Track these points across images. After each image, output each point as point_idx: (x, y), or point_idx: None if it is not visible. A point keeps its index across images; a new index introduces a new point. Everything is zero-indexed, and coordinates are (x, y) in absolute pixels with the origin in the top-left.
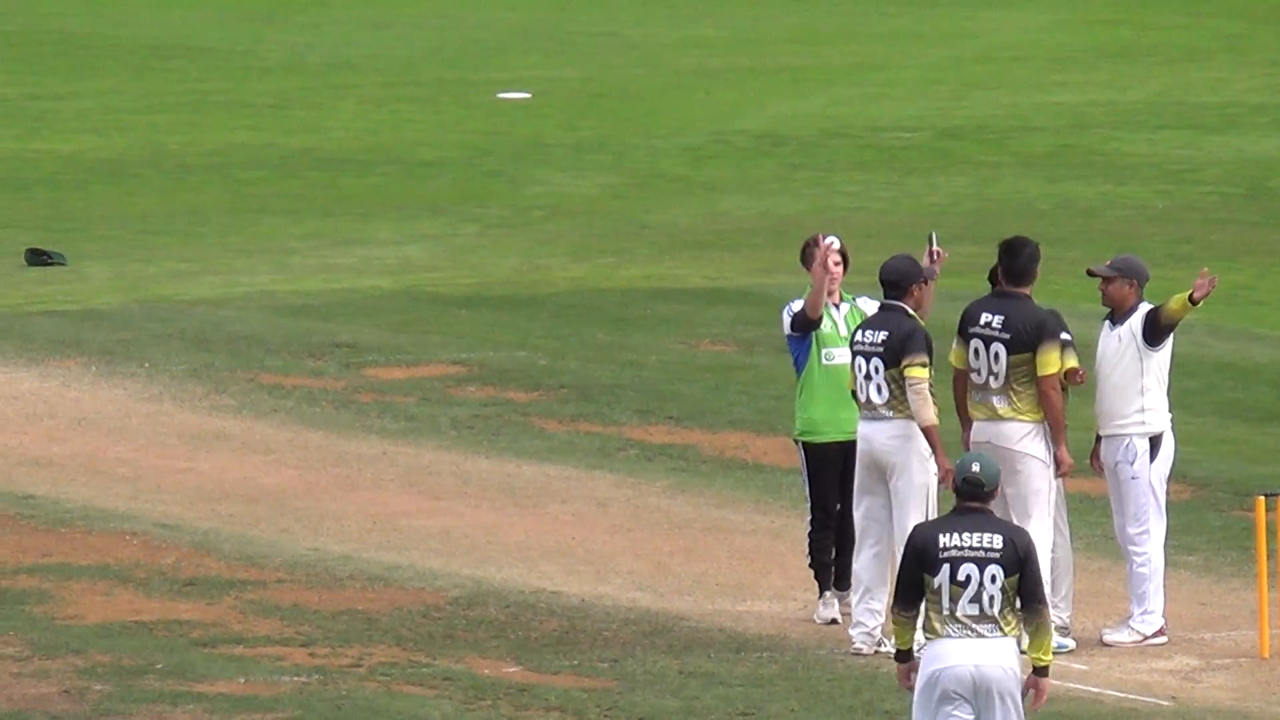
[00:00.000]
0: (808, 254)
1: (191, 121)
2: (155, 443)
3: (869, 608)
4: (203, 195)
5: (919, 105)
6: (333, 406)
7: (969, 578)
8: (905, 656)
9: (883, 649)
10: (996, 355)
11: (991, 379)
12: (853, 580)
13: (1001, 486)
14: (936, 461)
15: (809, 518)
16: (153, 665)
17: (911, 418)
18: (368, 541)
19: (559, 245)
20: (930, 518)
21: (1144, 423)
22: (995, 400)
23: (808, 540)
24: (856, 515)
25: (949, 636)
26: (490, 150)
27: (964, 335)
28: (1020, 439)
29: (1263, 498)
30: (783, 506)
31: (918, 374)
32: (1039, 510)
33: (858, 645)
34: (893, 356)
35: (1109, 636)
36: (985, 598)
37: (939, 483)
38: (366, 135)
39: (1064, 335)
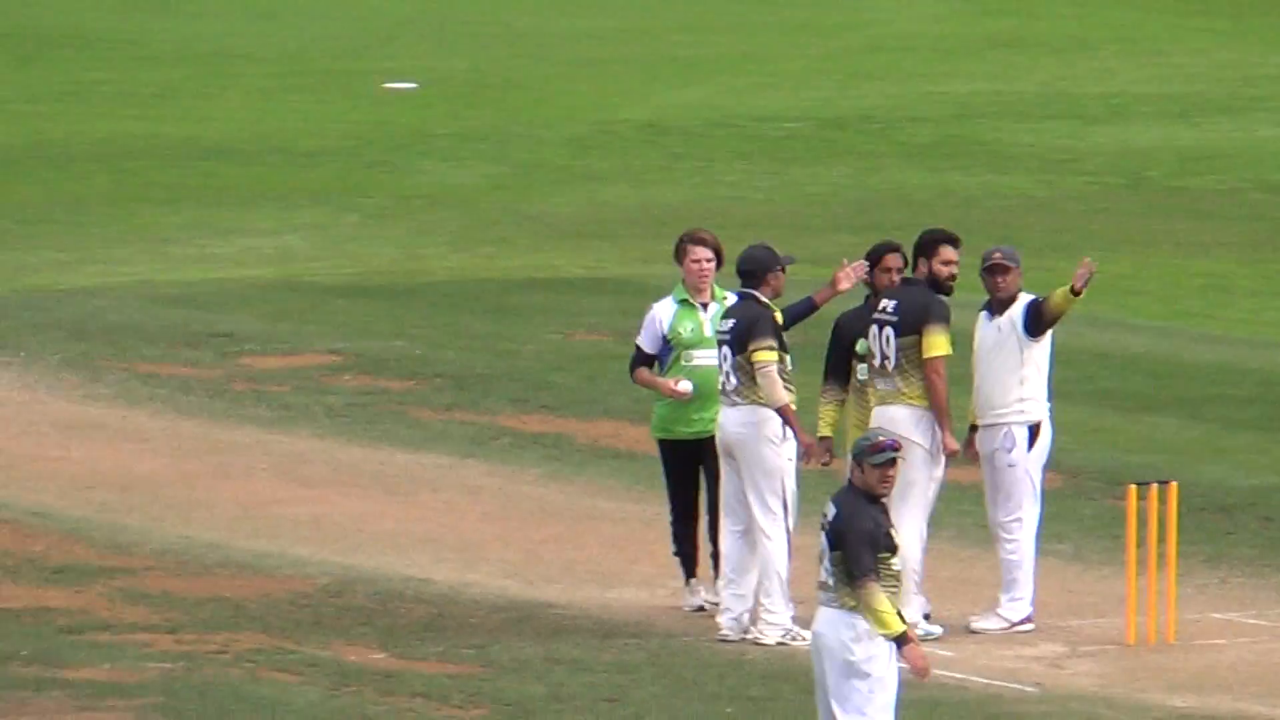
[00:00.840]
0: (681, 249)
1: (77, 111)
2: (29, 431)
3: (736, 593)
4: (85, 185)
5: (804, 95)
6: (208, 395)
7: (822, 547)
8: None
9: (749, 635)
10: (888, 339)
11: (886, 363)
12: (720, 565)
13: None
14: (797, 439)
15: (669, 507)
16: (18, 652)
17: (759, 404)
18: (238, 529)
19: (439, 235)
20: (787, 503)
21: (1023, 411)
22: (887, 384)
23: (670, 530)
24: (721, 500)
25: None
26: (374, 140)
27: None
28: (908, 425)
29: (1134, 486)
30: (655, 495)
31: (763, 358)
32: (912, 499)
33: (725, 631)
34: (739, 343)
35: (976, 624)
36: (825, 566)
37: (803, 458)
38: (251, 125)
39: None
